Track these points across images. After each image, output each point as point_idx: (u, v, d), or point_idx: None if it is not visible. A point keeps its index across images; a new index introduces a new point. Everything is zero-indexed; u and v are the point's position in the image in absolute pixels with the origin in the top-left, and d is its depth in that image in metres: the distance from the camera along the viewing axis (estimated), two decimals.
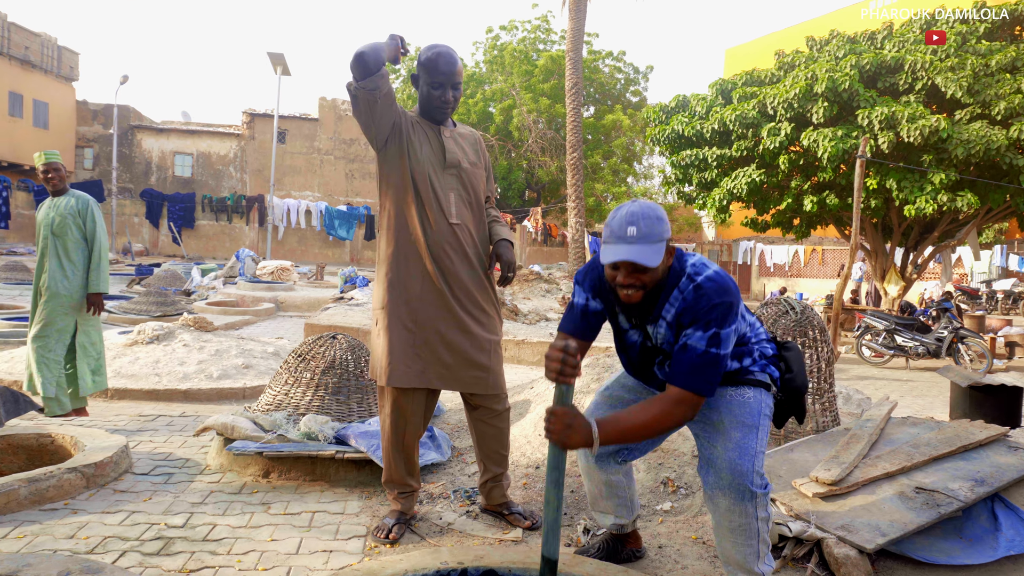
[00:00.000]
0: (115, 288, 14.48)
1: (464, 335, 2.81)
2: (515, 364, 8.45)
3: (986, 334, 12.32)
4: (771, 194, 13.67)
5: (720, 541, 2.23)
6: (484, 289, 2.89)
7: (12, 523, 2.80)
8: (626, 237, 2.01)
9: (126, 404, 5.37)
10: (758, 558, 2.18)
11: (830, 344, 3.67)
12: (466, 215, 2.85)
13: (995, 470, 2.99)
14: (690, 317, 2.06)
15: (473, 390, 2.85)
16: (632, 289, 2.07)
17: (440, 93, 2.77)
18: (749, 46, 32.50)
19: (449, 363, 2.79)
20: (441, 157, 2.82)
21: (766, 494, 2.13)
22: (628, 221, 2.02)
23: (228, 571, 2.50)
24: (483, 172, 2.97)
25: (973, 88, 11.04)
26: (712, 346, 2.02)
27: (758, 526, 2.14)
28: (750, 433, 2.13)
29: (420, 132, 2.82)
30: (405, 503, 2.91)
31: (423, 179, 2.77)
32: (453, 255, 2.79)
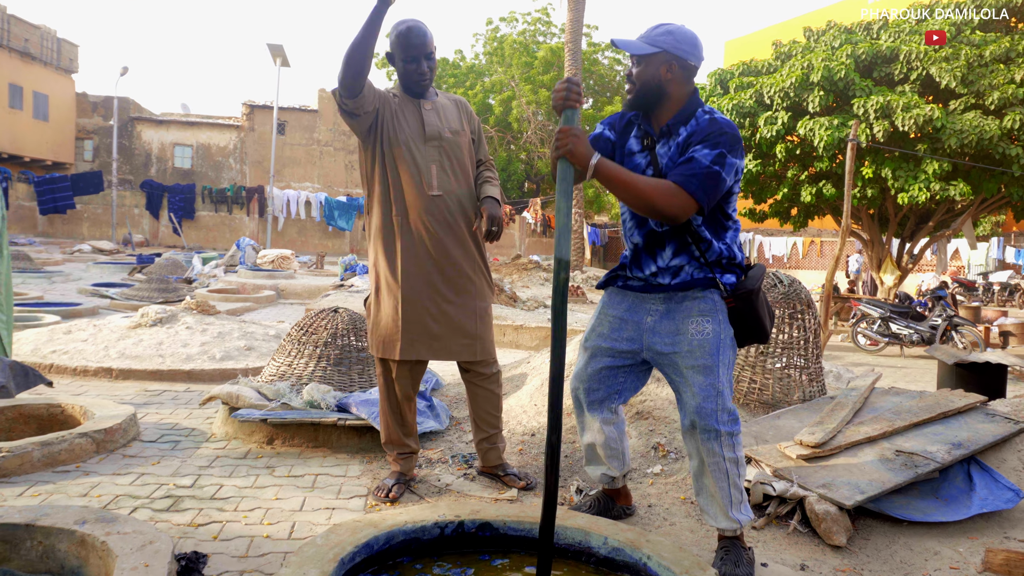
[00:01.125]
0: (116, 276, 14.58)
1: (451, 305, 2.90)
2: (514, 349, 8.55)
3: (981, 324, 12.44)
4: (768, 184, 13.76)
5: (697, 487, 2.39)
6: (471, 257, 2.96)
7: (27, 483, 2.91)
8: (641, 35, 2.33)
9: (130, 384, 5.47)
10: (731, 503, 2.31)
11: (817, 317, 3.78)
12: (450, 185, 2.91)
13: (972, 434, 3.11)
14: (700, 137, 2.24)
15: (462, 358, 2.96)
16: (629, 84, 2.35)
17: (415, 67, 2.85)
18: (748, 38, 32.50)
19: (437, 333, 2.89)
20: (421, 130, 2.89)
21: (731, 434, 2.30)
22: (651, 26, 2.35)
23: (235, 525, 2.61)
24: (468, 138, 3.04)
25: (967, 78, 11.13)
26: (716, 164, 2.19)
27: (727, 467, 2.30)
28: (711, 374, 2.30)
29: (402, 109, 2.90)
30: (404, 464, 3.02)
31: (403, 153, 2.85)
32: (436, 226, 2.87)
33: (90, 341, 6.43)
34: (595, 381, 2.55)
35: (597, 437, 2.63)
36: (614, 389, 2.55)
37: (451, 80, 32.79)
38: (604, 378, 2.54)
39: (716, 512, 2.35)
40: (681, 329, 2.34)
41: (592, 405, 2.58)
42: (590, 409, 2.60)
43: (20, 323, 7.81)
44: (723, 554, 2.33)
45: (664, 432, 3.42)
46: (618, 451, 2.66)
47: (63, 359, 5.85)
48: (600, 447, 2.64)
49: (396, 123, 2.87)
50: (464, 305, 2.94)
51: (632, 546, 2.29)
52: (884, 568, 2.50)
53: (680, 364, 2.35)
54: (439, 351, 2.92)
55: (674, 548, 2.29)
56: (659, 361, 2.42)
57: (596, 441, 2.64)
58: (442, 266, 2.89)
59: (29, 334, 6.55)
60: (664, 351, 2.38)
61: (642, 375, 2.58)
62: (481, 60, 33.89)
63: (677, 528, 2.74)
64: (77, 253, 19.80)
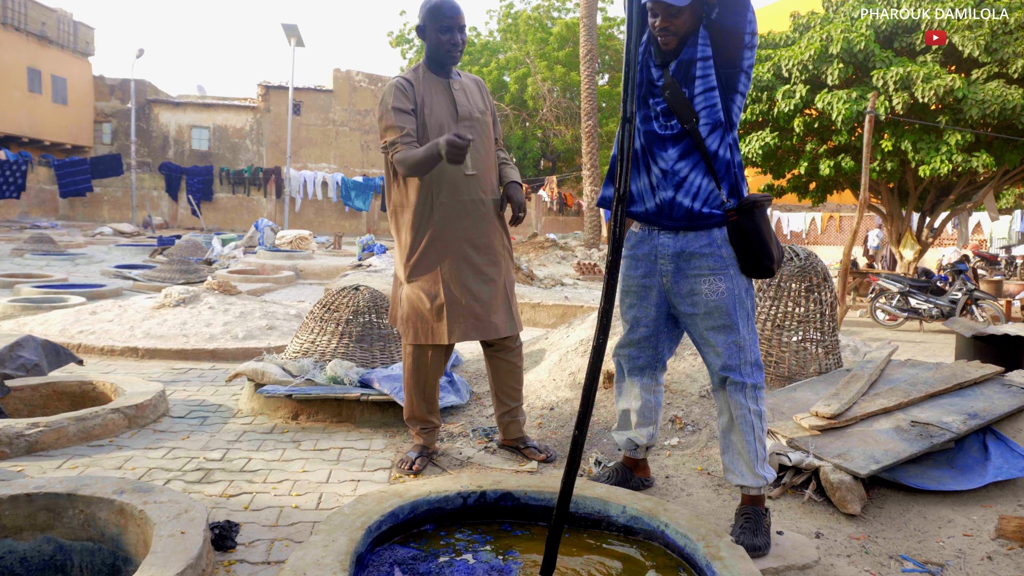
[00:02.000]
0: (138, 258, 14.79)
1: (488, 283, 2.94)
2: (531, 327, 8.62)
3: (1003, 298, 12.32)
4: (786, 158, 13.63)
5: (724, 443, 2.47)
6: (500, 235, 3.03)
7: (64, 456, 3.03)
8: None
9: (156, 363, 5.59)
10: (756, 459, 2.38)
11: (833, 291, 3.80)
12: (481, 164, 2.96)
13: (988, 405, 3.13)
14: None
15: (503, 334, 2.98)
16: (667, 35, 2.31)
17: (449, 37, 2.87)
18: (767, 9, 31.99)
19: (479, 313, 2.92)
20: (454, 111, 2.93)
21: (755, 386, 2.40)
22: None
23: (264, 496, 2.71)
24: (491, 118, 3.09)
25: (991, 47, 10.92)
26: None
27: (752, 419, 2.38)
28: (731, 332, 2.39)
29: (434, 92, 2.92)
30: (427, 438, 3.09)
31: (438, 135, 2.84)
32: (472, 205, 2.91)
33: (116, 321, 6.57)
34: (636, 348, 2.66)
35: (634, 403, 2.72)
36: (656, 354, 2.66)
37: (465, 58, 32.59)
38: (645, 346, 2.64)
39: (743, 468, 2.41)
40: (696, 290, 2.41)
41: (633, 371, 2.69)
42: (631, 374, 2.70)
43: (47, 304, 7.98)
44: (743, 521, 2.38)
45: (681, 405, 3.47)
46: (651, 419, 2.74)
47: (90, 339, 5.98)
48: (635, 412, 2.73)
49: (429, 107, 2.89)
50: (498, 282, 2.99)
51: (650, 515, 2.35)
52: (898, 536, 2.55)
53: (700, 325, 2.44)
54: (483, 330, 2.94)
55: (691, 516, 2.35)
56: (683, 320, 2.53)
57: (632, 407, 2.73)
58: (477, 245, 2.93)
59: (56, 315, 6.69)
60: (685, 311, 2.47)
61: (676, 334, 2.68)
62: (496, 37, 33.64)
63: (695, 498, 2.80)
64: (99, 236, 20.08)
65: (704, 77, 2.31)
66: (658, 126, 2.40)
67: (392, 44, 33.25)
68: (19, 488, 2.38)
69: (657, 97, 2.40)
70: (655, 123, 2.41)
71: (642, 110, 2.44)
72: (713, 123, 2.34)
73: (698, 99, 2.32)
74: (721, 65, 2.32)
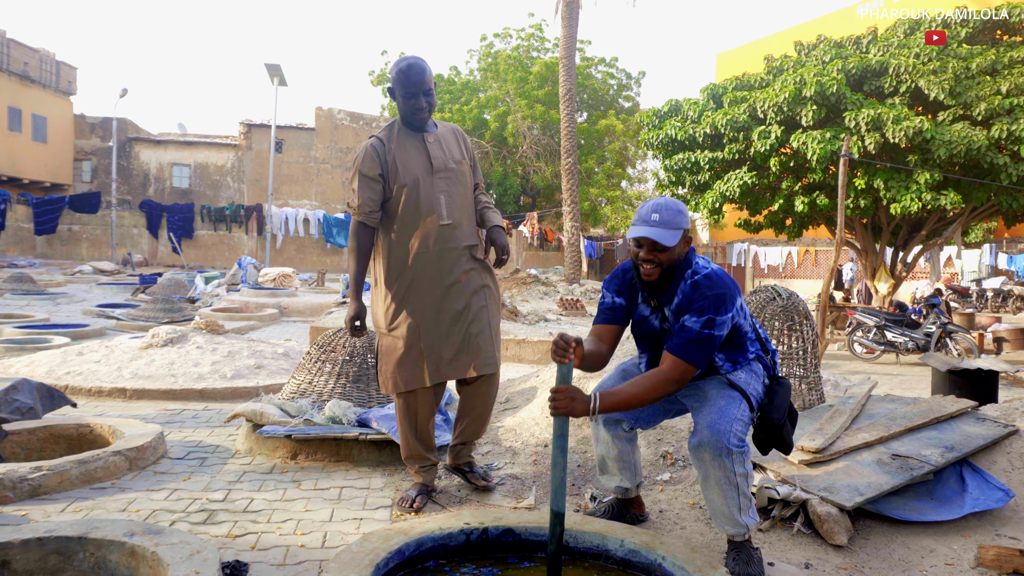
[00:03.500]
0: (120, 297, 14.71)
1: (464, 327, 3.04)
2: (517, 363, 8.70)
3: (975, 330, 12.63)
4: (763, 195, 13.97)
5: (707, 495, 2.52)
6: (480, 276, 3.13)
7: (67, 499, 3.06)
8: (650, 221, 2.44)
9: (144, 403, 5.58)
10: (740, 510, 2.46)
11: (815, 329, 3.95)
12: (458, 214, 3.09)
13: (964, 438, 3.27)
14: (687, 306, 2.45)
15: (476, 373, 3.08)
16: (651, 265, 2.45)
17: (414, 102, 3.01)
18: (740, 51, 32.90)
19: (455, 354, 3.04)
20: (428, 164, 3.06)
21: (742, 452, 2.43)
22: (653, 209, 2.46)
23: (270, 536, 2.76)
24: (468, 165, 3.20)
25: (955, 90, 11.38)
26: (706, 328, 2.39)
27: (737, 480, 2.43)
28: (733, 402, 2.47)
29: (405, 147, 3.06)
30: (426, 476, 3.17)
31: (415, 189, 3.01)
32: (448, 254, 3.03)
33: (103, 362, 6.56)
34: None
35: (610, 451, 2.80)
36: (631, 415, 2.73)
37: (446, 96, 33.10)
38: None
39: (723, 520, 2.50)
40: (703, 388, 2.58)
41: (607, 422, 2.76)
42: (605, 424, 2.77)
43: (31, 345, 7.93)
44: (734, 555, 2.49)
45: (672, 441, 3.58)
46: (630, 463, 2.82)
47: (77, 380, 5.97)
48: (612, 460, 2.81)
49: (403, 163, 3.03)
50: (479, 322, 3.09)
51: (648, 548, 2.45)
52: (883, 565, 2.66)
53: (707, 389, 2.54)
54: (461, 369, 3.05)
55: (687, 549, 2.45)
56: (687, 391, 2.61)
57: (608, 455, 2.81)
58: (453, 291, 3.04)
59: (42, 356, 6.67)
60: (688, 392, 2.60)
61: (665, 412, 2.78)
62: (476, 76, 34.24)
63: (688, 531, 2.89)
64: (78, 274, 19.93)
65: None
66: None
67: (373, 83, 33.70)
68: (30, 532, 2.43)
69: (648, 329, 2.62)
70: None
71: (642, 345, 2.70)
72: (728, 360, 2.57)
73: None
74: None
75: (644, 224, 2.43)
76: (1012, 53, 11.65)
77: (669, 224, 2.41)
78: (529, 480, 3.42)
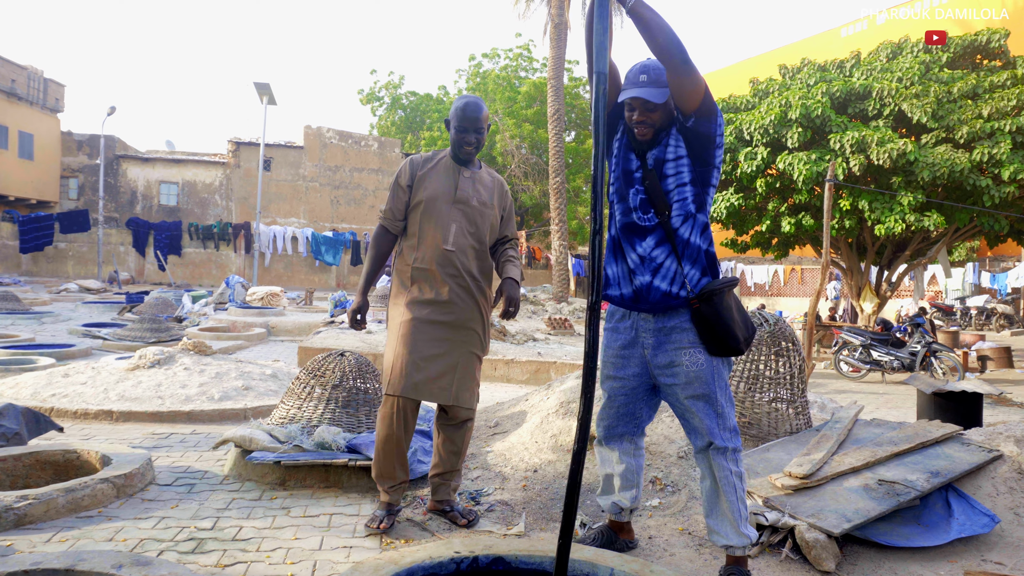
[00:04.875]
0: (106, 316, 14.60)
1: (449, 351, 3.11)
2: (505, 383, 8.71)
3: (960, 349, 12.76)
4: (750, 216, 14.12)
5: (709, 506, 2.59)
6: (472, 311, 3.18)
7: (53, 529, 3.03)
8: (638, 82, 2.52)
9: (131, 426, 5.54)
10: (740, 519, 2.52)
11: (802, 354, 3.99)
12: (464, 244, 3.18)
13: (949, 463, 3.31)
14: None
15: (450, 402, 3.11)
16: (644, 127, 2.53)
17: (464, 136, 3.17)
18: (725, 71, 33.33)
19: (432, 378, 3.08)
20: (452, 192, 3.19)
21: (735, 449, 2.54)
22: (641, 71, 2.53)
23: (259, 566, 2.75)
24: (495, 213, 3.31)
25: (937, 114, 11.58)
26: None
27: (734, 480, 2.52)
28: (710, 400, 2.55)
29: (439, 172, 3.23)
30: (394, 495, 3.18)
31: (430, 208, 3.17)
32: (446, 277, 3.13)
33: (89, 384, 6.52)
34: (615, 419, 2.81)
35: (616, 468, 2.85)
36: (633, 423, 2.81)
37: (435, 115, 33.28)
38: (623, 416, 2.79)
39: (727, 529, 2.54)
40: (676, 361, 2.58)
41: (612, 439, 2.83)
42: (610, 442, 2.84)
43: (15, 366, 7.86)
44: None
45: (660, 466, 3.60)
46: (633, 482, 2.87)
47: (63, 402, 5.92)
48: (618, 476, 2.86)
49: (430, 182, 3.20)
50: (461, 353, 3.14)
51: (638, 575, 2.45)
52: None
53: (680, 395, 2.59)
54: (434, 394, 3.09)
55: None
56: (663, 390, 2.67)
57: (615, 472, 2.86)
58: (444, 316, 3.12)
59: (27, 378, 6.61)
60: (665, 382, 2.63)
61: (654, 402, 2.83)
62: None
63: (677, 558, 2.90)
64: (64, 292, 19.76)
65: (677, 174, 2.54)
66: (636, 217, 2.61)
67: (362, 102, 33.88)
68: (16, 564, 2.40)
69: (636, 186, 2.60)
70: (634, 214, 2.61)
71: (621, 204, 2.65)
72: (684, 214, 2.56)
73: (672, 193, 2.54)
74: (696, 163, 2.54)
75: (634, 86, 2.50)
76: (992, 78, 11.89)
77: (658, 83, 2.48)
78: (519, 506, 3.42)
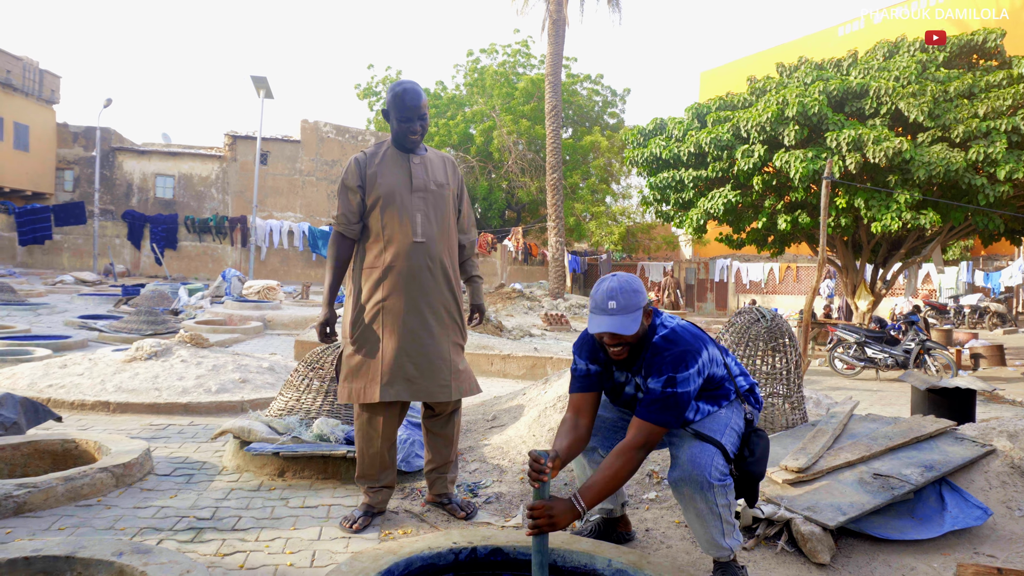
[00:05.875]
0: (102, 308, 14.58)
1: (429, 346, 3.07)
2: (501, 378, 8.73)
3: (953, 347, 12.82)
4: (746, 213, 14.15)
5: (690, 523, 2.55)
6: (447, 301, 3.16)
7: (53, 517, 3.04)
8: (607, 310, 2.40)
9: (128, 417, 5.55)
10: (723, 535, 2.49)
11: (798, 349, 4.02)
12: (432, 232, 3.14)
13: (943, 457, 3.34)
14: (648, 371, 2.47)
15: (438, 399, 3.10)
16: (619, 348, 2.45)
17: (408, 126, 3.10)
18: (723, 69, 33.35)
19: (413, 376, 3.04)
20: (408, 182, 3.13)
21: (723, 485, 2.43)
22: (608, 296, 2.41)
23: (258, 555, 2.76)
24: (452, 192, 3.26)
25: (933, 112, 11.62)
26: (668, 386, 2.39)
27: (720, 511, 2.45)
28: (715, 435, 2.49)
29: (389, 164, 3.15)
30: (374, 497, 3.15)
31: (390, 203, 3.08)
32: (417, 270, 3.07)
33: (86, 375, 6.51)
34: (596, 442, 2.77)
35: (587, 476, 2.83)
36: (610, 440, 2.75)
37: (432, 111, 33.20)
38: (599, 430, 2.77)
39: (707, 545, 2.53)
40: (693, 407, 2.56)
41: (585, 451, 2.78)
42: (584, 454, 2.79)
43: (11, 357, 7.85)
44: (720, 573, 2.53)
45: (657, 460, 3.62)
46: None
47: (60, 393, 5.92)
48: None
49: (383, 177, 3.11)
50: (439, 346, 3.10)
51: (635, 567, 2.48)
52: None
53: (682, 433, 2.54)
54: (416, 392, 3.06)
55: (674, 569, 2.48)
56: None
57: None
58: (421, 310, 3.07)
59: (24, 368, 6.61)
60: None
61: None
62: (462, 91, 34.40)
63: (674, 550, 2.93)
64: (60, 284, 19.71)
65: None
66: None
67: (360, 96, 33.78)
68: (16, 551, 2.42)
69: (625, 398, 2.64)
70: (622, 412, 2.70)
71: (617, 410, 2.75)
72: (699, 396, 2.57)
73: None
74: None
75: (602, 314, 2.40)
76: (988, 77, 11.93)
77: (627, 309, 2.38)
78: (516, 498, 3.44)
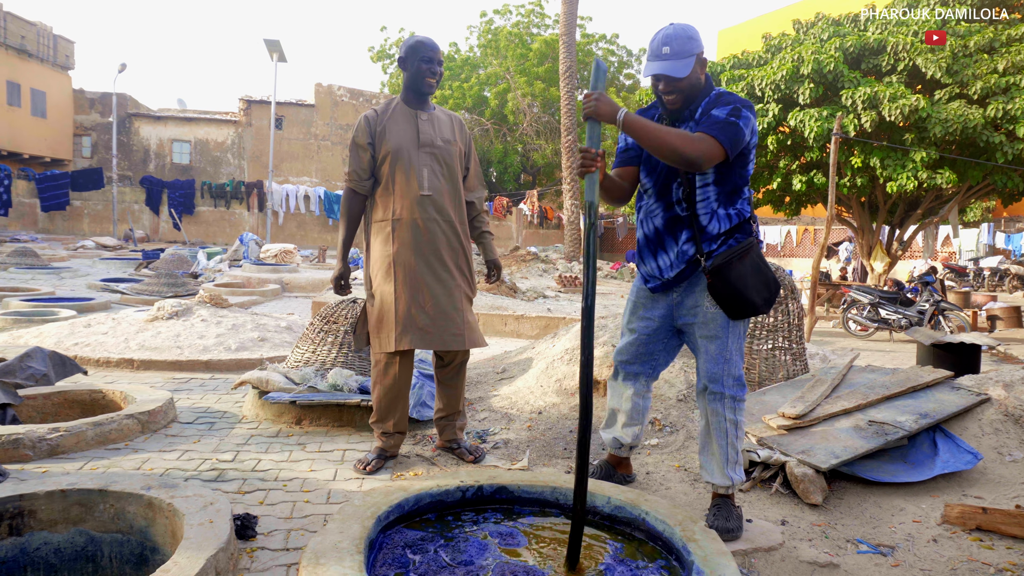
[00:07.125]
0: (123, 272, 14.85)
1: (438, 300, 3.18)
2: (515, 338, 8.87)
3: (971, 309, 12.77)
4: (761, 174, 14.06)
5: (702, 443, 2.72)
6: (456, 254, 3.27)
7: (84, 459, 3.22)
8: (661, 55, 2.50)
9: (151, 374, 5.74)
10: (727, 462, 2.64)
11: (800, 303, 4.09)
12: (439, 187, 3.24)
13: (938, 406, 3.43)
14: (714, 105, 2.55)
15: (451, 347, 3.22)
16: (672, 96, 2.55)
17: (429, 67, 3.22)
18: (740, 28, 32.73)
19: (425, 326, 3.16)
20: (416, 138, 3.23)
21: (734, 398, 2.62)
22: (663, 42, 2.50)
23: (277, 493, 2.93)
24: (460, 148, 3.36)
25: (952, 68, 11.42)
26: (732, 116, 2.48)
27: (727, 426, 2.62)
28: (720, 343, 2.64)
29: (397, 121, 3.25)
30: (387, 441, 3.30)
31: (398, 158, 3.19)
32: (426, 222, 3.19)
33: (110, 334, 6.72)
34: (634, 356, 2.89)
35: (624, 404, 2.96)
36: (650, 364, 2.90)
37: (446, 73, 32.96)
38: (643, 355, 2.88)
39: (714, 469, 2.68)
40: (699, 303, 2.68)
41: (628, 377, 2.94)
42: (625, 379, 2.94)
43: (38, 317, 8.09)
44: (715, 511, 2.65)
45: (660, 408, 3.74)
46: (637, 421, 2.99)
47: (85, 351, 6.12)
48: (623, 413, 2.97)
49: (391, 133, 3.21)
50: (451, 297, 3.22)
51: (632, 504, 2.60)
52: (855, 523, 2.82)
53: (696, 334, 2.70)
54: (429, 341, 3.18)
55: (669, 506, 2.61)
56: (684, 330, 2.77)
57: (622, 408, 2.97)
58: (430, 260, 3.19)
59: (50, 328, 6.82)
60: (685, 321, 2.73)
61: (673, 349, 2.91)
62: (476, 53, 34.08)
63: (673, 492, 3.06)
64: (81, 249, 20.05)
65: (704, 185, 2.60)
66: (680, 209, 2.66)
67: (373, 59, 33.58)
68: (53, 484, 2.59)
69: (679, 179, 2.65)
70: (677, 208, 2.67)
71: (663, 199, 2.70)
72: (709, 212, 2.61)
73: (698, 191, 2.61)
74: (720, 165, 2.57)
75: (656, 59, 2.50)
76: (1010, 31, 11.67)
77: (680, 54, 2.47)
78: (523, 444, 3.58)
